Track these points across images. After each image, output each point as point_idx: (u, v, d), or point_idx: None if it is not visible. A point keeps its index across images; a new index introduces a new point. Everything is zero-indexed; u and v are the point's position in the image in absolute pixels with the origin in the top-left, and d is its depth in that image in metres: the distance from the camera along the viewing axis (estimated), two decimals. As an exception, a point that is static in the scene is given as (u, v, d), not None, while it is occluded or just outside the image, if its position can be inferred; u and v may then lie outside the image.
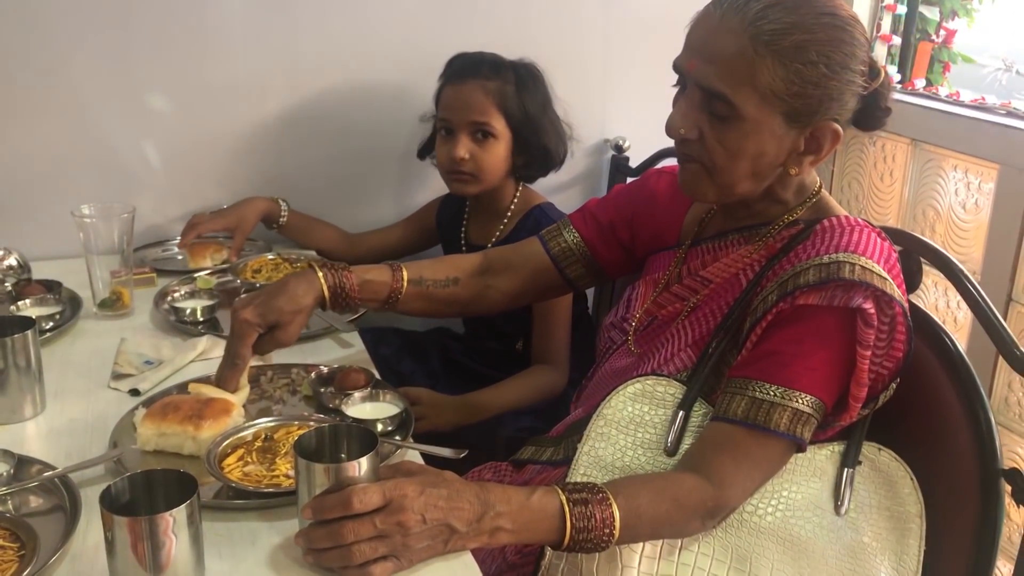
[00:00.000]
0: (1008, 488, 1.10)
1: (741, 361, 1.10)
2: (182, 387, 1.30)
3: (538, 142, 1.76)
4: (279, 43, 1.93)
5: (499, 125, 1.73)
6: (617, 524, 0.99)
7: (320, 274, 1.28)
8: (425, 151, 1.90)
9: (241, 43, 1.91)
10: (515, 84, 1.75)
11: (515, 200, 1.84)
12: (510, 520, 0.96)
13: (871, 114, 1.15)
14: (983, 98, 1.99)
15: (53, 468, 1.10)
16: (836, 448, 1.14)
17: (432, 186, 2.02)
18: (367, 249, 1.96)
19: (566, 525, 0.97)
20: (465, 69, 1.77)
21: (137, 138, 1.90)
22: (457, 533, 0.94)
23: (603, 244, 1.39)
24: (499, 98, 1.73)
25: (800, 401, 1.05)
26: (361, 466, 0.94)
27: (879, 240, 1.11)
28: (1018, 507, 1.10)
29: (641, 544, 1.06)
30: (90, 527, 1.00)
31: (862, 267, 1.04)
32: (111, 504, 0.88)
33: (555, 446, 1.33)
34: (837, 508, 1.12)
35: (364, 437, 1.00)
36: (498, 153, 1.75)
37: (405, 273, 1.35)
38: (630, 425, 1.13)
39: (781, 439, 1.06)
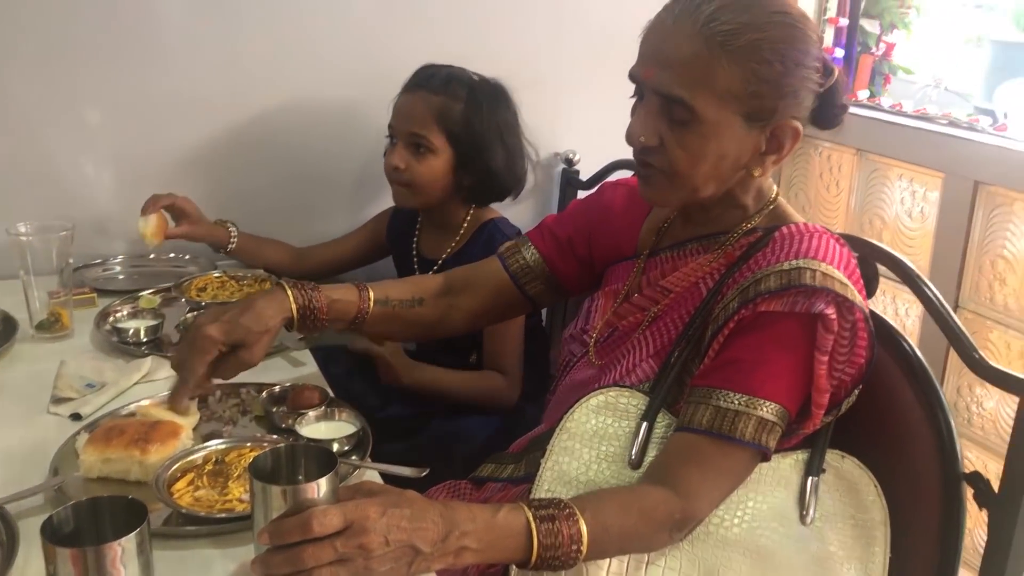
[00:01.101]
0: (970, 492, 1.11)
1: (704, 370, 1.09)
2: (127, 410, 1.25)
3: (483, 164, 1.73)
4: (223, 56, 1.89)
5: (438, 141, 1.70)
6: (585, 540, 0.96)
7: (290, 293, 1.22)
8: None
9: (184, 56, 1.86)
10: (465, 102, 1.72)
11: (468, 216, 1.81)
12: (475, 539, 0.93)
13: (828, 112, 1.15)
14: (924, 108, 2.03)
15: (-11, 499, 1.05)
16: (800, 456, 1.13)
17: (385, 199, 1.98)
18: (316, 263, 1.92)
19: (533, 543, 0.95)
20: (419, 80, 1.74)
21: (75, 153, 1.84)
22: (421, 554, 0.91)
23: (562, 260, 1.37)
24: (441, 113, 1.70)
25: (764, 409, 1.04)
26: (320, 487, 0.90)
27: (838, 246, 1.11)
28: (980, 510, 1.11)
29: (607, 560, 1.04)
30: (29, 562, 0.95)
31: (823, 273, 1.04)
32: (53, 535, 0.82)
33: (516, 463, 1.30)
34: (802, 517, 1.11)
35: (322, 457, 0.96)
36: (434, 168, 1.72)
37: (371, 293, 1.32)
38: (594, 438, 1.11)
39: (746, 448, 1.05)
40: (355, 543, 0.87)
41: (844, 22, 2.29)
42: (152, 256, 1.92)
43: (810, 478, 1.12)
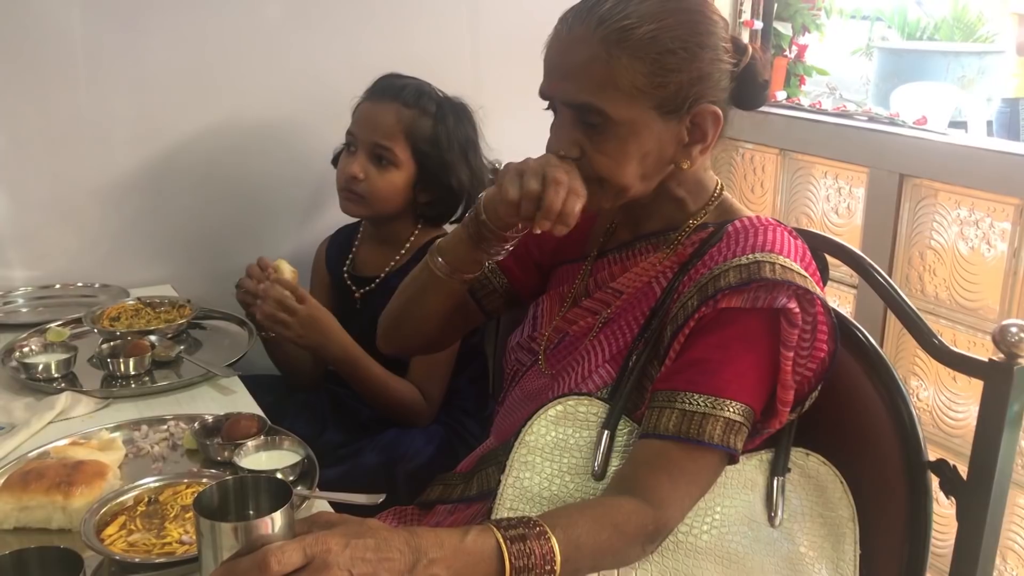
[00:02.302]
0: (936, 480, 1.10)
1: (666, 372, 1.05)
2: (42, 451, 1.14)
3: (443, 182, 1.68)
4: (130, 76, 1.79)
5: (403, 155, 1.65)
6: (558, 559, 0.91)
7: None
8: (336, 161, 1.79)
9: (89, 75, 1.76)
10: (434, 117, 1.67)
11: (415, 232, 1.75)
12: (445, 567, 0.87)
13: (749, 89, 1.14)
14: (844, 106, 2.06)
15: None
16: (764, 457, 1.11)
17: (315, 217, 1.92)
18: None
19: (505, 566, 0.89)
20: (386, 89, 1.68)
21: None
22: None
23: (520, 268, 1.34)
24: (410, 127, 1.65)
25: (730, 409, 1.01)
26: (275, 522, 0.82)
27: (792, 239, 1.09)
28: (948, 498, 1.10)
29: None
30: (-56, 627, 0.84)
31: (782, 266, 1.02)
32: (-26, 597, 0.73)
33: (465, 482, 1.25)
34: (771, 519, 1.09)
35: (274, 488, 0.88)
36: (395, 182, 1.66)
37: None
38: (555, 451, 1.07)
39: (715, 451, 1.01)
40: None
41: (759, 24, 2.33)
42: (58, 286, 1.80)
43: (776, 478, 1.10)
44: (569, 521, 0.94)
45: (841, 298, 2.02)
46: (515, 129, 1.84)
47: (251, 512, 0.88)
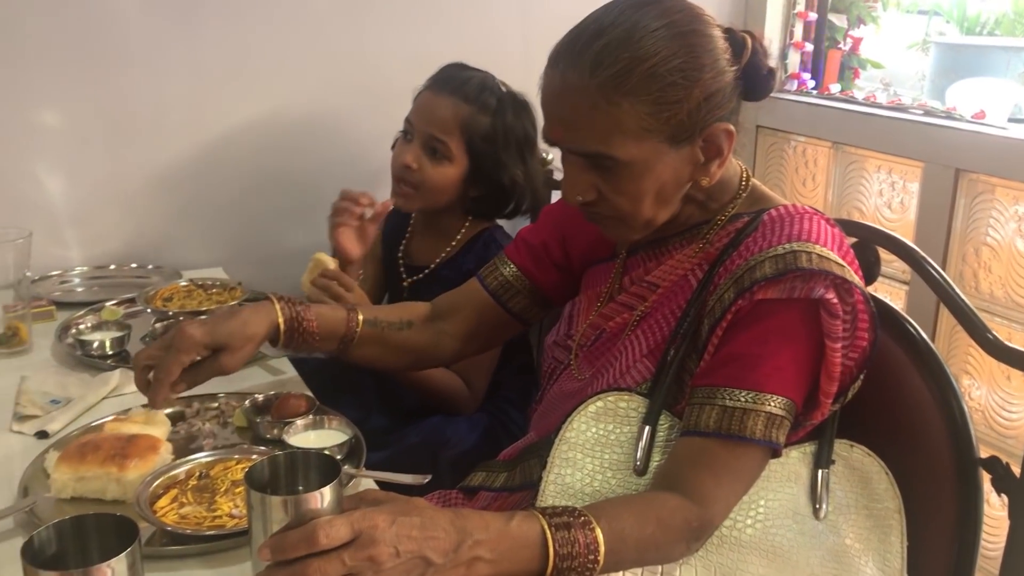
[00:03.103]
0: (988, 477, 1.08)
1: (704, 368, 1.04)
2: (97, 425, 1.17)
3: (495, 179, 1.68)
4: (188, 64, 1.83)
5: (457, 150, 1.65)
6: (601, 549, 0.91)
7: (277, 306, 1.18)
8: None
9: (147, 62, 1.80)
10: (493, 114, 1.66)
11: (466, 225, 1.75)
12: (489, 549, 0.87)
13: (754, 84, 1.11)
14: (899, 99, 2.03)
15: (-48, 524, 0.96)
16: (808, 449, 1.09)
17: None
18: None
19: (549, 552, 0.89)
20: (448, 81, 1.68)
21: (28, 159, 1.75)
22: (433, 566, 0.85)
23: (540, 270, 1.33)
24: (467, 123, 1.64)
25: (772, 404, 1.00)
26: (324, 497, 0.83)
27: (829, 228, 1.07)
28: (1000, 496, 1.08)
29: (621, 573, 0.99)
30: (4, 588, 0.87)
31: (819, 255, 1.00)
32: (34, 558, 0.75)
33: (508, 471, 1.25)
34: (816, 512, 1.07)
35: (324, 465, 0.89)
36: (447, 175, 1.66)
37: (360, 315, 1.28)
38: (596, 447, 1.06)
39: (757, 446, 1.00)
40: (364, 555, 0.81)
41: (813, 16, 2.29)
42: (113, 267, 1.85)
43: (820, 471, 1.08)
44: (614, 513, 0.94)
45: (892, 294, 1.99)
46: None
47: (300, 487, 0.89)
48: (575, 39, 1.05)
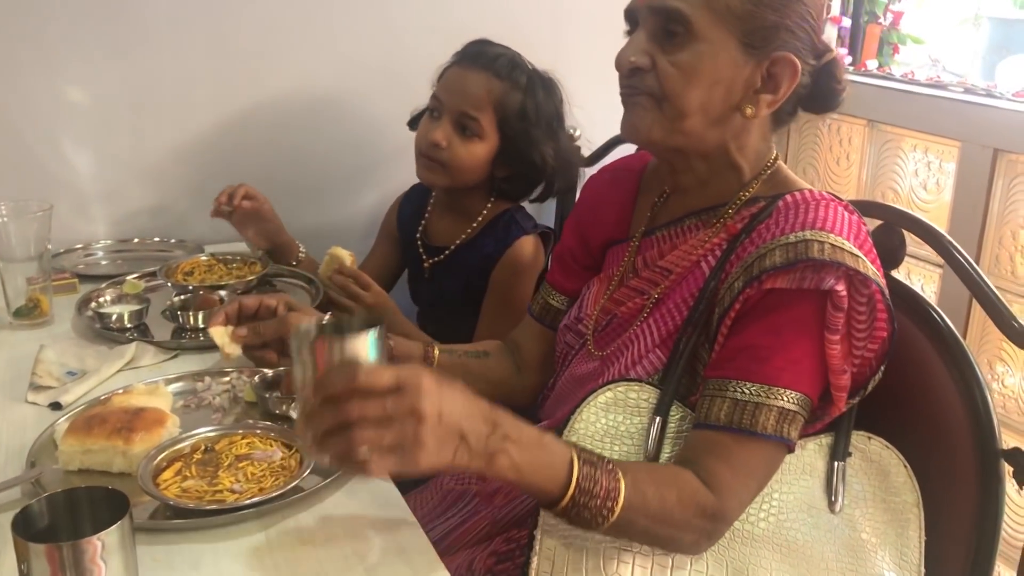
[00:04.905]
0: (1009, 469, 1.04)
1: (716, 359, 1.02)
2: (107, 397, 1.17)
3: (527, 157, 1.64)
4: (212, 40, 1.82)
5: (489, 127, 1.62)
6: (620, 500, 0.89)
7: None
8: (414, 123, 1.76)
9: (172, 38, 1.80)
10: (524, 91, 1.63)
11: (488, 205, 1.73)
12: (517, 449, 0.85)
13: (824, 90, 1.10)
14: (938, 76, 1.96)
15: (-41, 493, 0.97)
16: (824, 441, 1.06)
17: (389, 186, 1.92)
18: None
19: (571, 481, 0.87)
20: (478, 57, 1.64)
21: (53, 133, 1.77)
22: (465, 444, 0.82)
23: (570, 279, 1.32)
24: (500, 100, 1.61)
25: (784, 399, 0.97)
26: (370, 342, 0.82)
27: (847, 215, 1.03)
28: (1019, 488, 1.04)
29: (630, 561, 0.97)
30: (3, 558, 0.88)
31: (832, 245, 0.97)
32: (26, 530, 0.75)
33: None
34: (831, 505, 1.05)
35: (369, 322, 0.88)
36: (477, 153, 1.63)
37: (436, 347, 1.32)
38: (605, 438, 1.04)
39: (769, 442, 0.97)
40: (407, 405, 0.78)
41: (852, -11, 2.23)
42: (136, 240, 1.85)
43: (836, 463, 1.06)
44: (638, 475, 0.93)
45: (926, 277, 1.93)
46: (593, 100, 1.81)
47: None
48: None
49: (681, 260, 1.12)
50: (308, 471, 1.02)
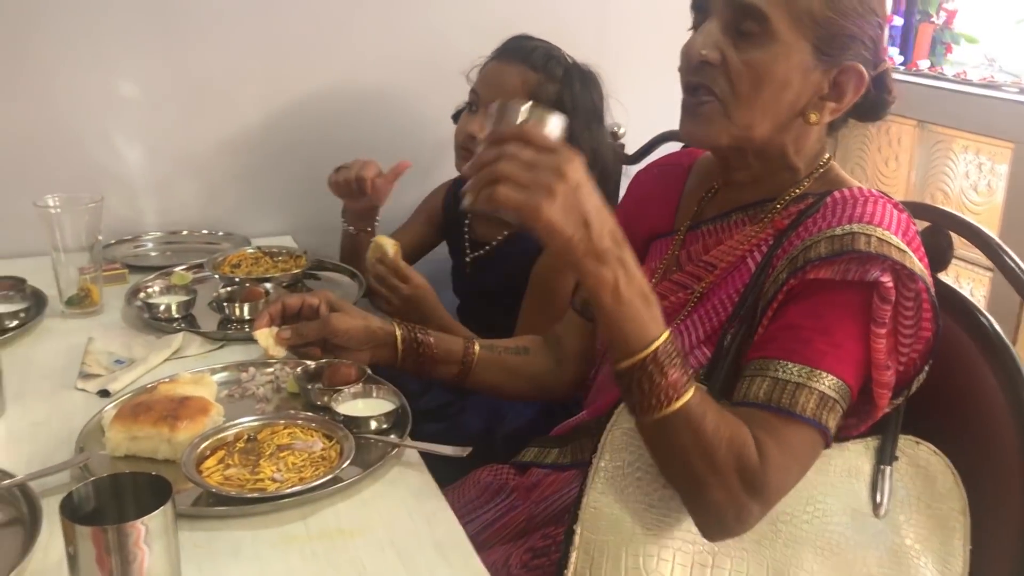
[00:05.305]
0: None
1: (759, 341, 1.00)
2: (154, 386, 1.20)
3: None
4: (261, 38, 1.86)
5: None
6: (682, 399, 0.89)
7: (395, 324, 1.30)
8: (457, 118, 1.78)
9: (222, 35, 1.83)
10: (560, 83, 1.63)
11: None
12: (626, 281, 0.88)
13: (875, 99, 1.09)
14: (992, 76, 1.92)
15: (12, 476, 1.00)
16: (871, 444, 1.04)
17: (428, 182, 1.93)
18: None
19: (652, 346, 0.88)
20: (515, 51, 1.66)
21: (106, 126, 1.81)
22: (587, 234, 0.86)
23: None
24: (534, 92, 1.61)
25: (825, 383, 0.94)
26: (556, 124, 0.89)
27: (896, 212, 1.02)
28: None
29: (670, 558, 0.96)
30: (52, 541, 0.90)
31: (879, 239, 0.95)
32: (73, 513, 0.77)
33: (560, 447, 1.24)
34: (876, 509, 1.02)
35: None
36: None
37: (476, 343, 1.34)
38: None
39: (807, 426, 0.94)
40: (557, 163, 0.85)
41: (905, -12, 2.19)
42: (185, 232, 1.89)
43: (882, 467, 1.03)
44: (707, 397, 0.93)
45: (976, 281, 1.90)
46: (639, 97, 1.81)
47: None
48: None
49: (726, 255, 1.11)
50: (348, 462, 1.03)
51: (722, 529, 0.95)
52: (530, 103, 0.91)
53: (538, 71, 1.62)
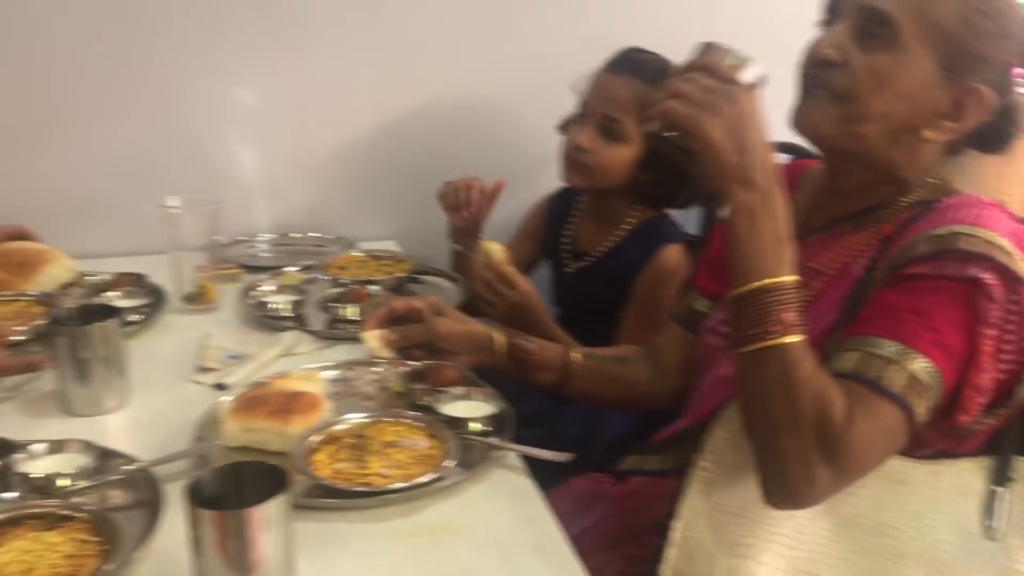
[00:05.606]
0: None
1: (854, 320, 0.98)
2: (267, 382, 1.24)
3: (671, 166, 1.63)
4: (370, 50, 1.91)
5: (633, 130, 1.62)
6: (787, 338, 0.91)
7: (495, 331, 1.33)
8: (565, 128, 1.78)
9: (336, 47, 1.89)
10: None
11: (634, 212, 1.73)
12: (765, 215, 0.93)
13: (1000, 129, 1.05)
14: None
15: (136, 461, 1.05)
16: (984, 463, 1.01)
17: (533, 193, 1.96)
18: None
19: (775, 279, 0.92)
20: (626, 62, 1.67)
21: (225, 132, 1.89)
22: (743, 158, 0.92)
23: (716, 284, 1.28)
24: (645, 104, 1.62)
25: (919, 364, 0.91)
26: (751, 66, 0.95)
27: (1008, 220, 0.98)
28: None
29: (767, 562, 0.96)
30: (173, 524, 0.94)
31: (984, 240, 0.92)
32: (197, 498, 0.81)
33: (660, 454, 1.23)
34: (988, 531, 0.99)
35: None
36: (621, 156, 1.64)
37: (575, 351, 1.36)
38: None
39: (893, 404, 0.91)
40: (729, 90, 0.93)
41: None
42: (296, 235, 1.96)
43: (996, 488, 1.00)
44: (811, 350, 0.93)
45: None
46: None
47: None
48: None
49: (832, 262, 1.09)
50: (455, 462, 1.05)
51: (786, 489, 0.93)
52: (734, 48, 0.97)
53: (648, 83, 1.62)
